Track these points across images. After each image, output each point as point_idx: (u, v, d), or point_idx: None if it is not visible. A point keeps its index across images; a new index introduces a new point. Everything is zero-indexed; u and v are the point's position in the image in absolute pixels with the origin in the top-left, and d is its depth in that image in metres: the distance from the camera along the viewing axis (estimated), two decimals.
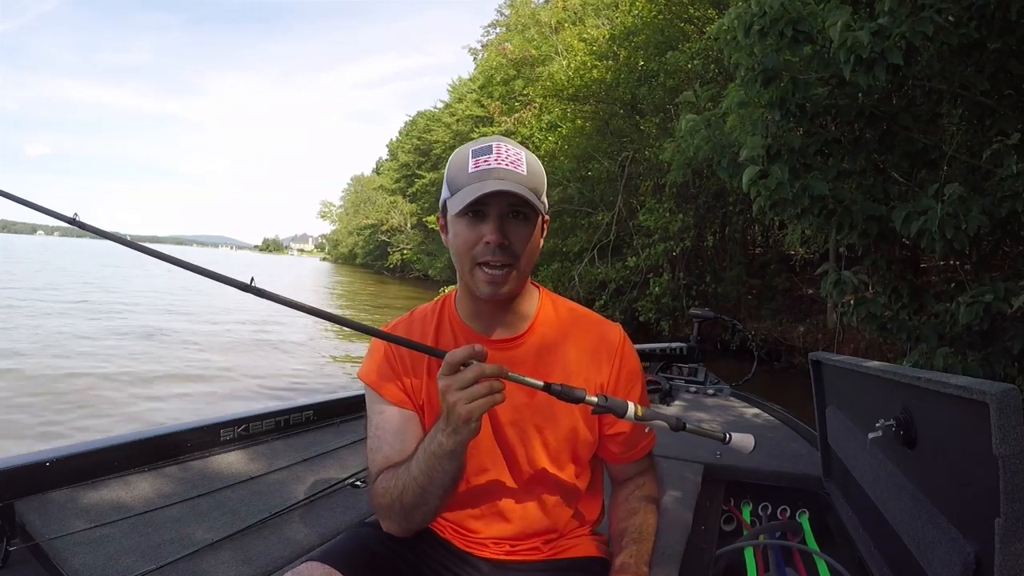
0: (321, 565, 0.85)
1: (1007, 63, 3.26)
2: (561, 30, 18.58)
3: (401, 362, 1.00)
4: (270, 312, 13.03)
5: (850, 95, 3.51)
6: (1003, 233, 3.45)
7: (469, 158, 0.91)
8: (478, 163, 0.90)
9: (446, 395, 0.79)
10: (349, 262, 62.24)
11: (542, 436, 1.01)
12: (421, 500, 0.89)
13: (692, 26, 11.65)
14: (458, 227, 0.91)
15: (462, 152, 0.94)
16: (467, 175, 0.90)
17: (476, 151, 0.92)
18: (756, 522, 2.01)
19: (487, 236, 0.88)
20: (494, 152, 0.91)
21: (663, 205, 11.25)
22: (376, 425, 1.00)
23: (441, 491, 0.89)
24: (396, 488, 0.90)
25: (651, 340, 4.73)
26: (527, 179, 0.90)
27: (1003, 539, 0.80)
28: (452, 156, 0.95)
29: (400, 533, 0.96)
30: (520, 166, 0.91)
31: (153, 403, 5.57)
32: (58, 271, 25.20)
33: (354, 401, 2.28)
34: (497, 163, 0.89)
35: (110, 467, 1.55)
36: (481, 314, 0.99)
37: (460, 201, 0.88)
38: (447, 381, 0.79)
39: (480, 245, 0.89)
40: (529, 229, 0.92)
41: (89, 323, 10.22)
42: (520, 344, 1.00)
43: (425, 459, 0.86)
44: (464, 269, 0.93)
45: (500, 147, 0.92)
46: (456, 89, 33.54)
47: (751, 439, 0.94)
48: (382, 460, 0.96)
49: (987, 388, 0.81)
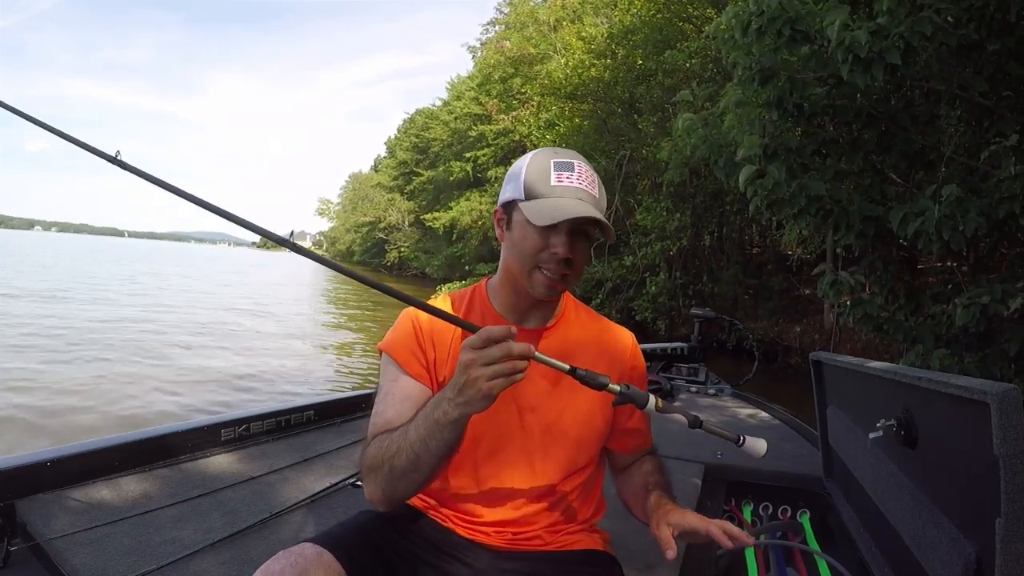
0: (314, 546, 0.85)
1: (1006, 64, 3.26)
2: (559, 28, 18.58)
3: (429, 338, 1.03)
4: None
5: (848, 95, 3.51)
6: (1001, 235, 3.46)
7: (551, 170, 0.97)
8: (560, 178, 0.96)
9: (469, 368, 0.79)
10: (347, 259, 62.04)
11: (561, 424, 1.03)
12: (412, 467, 0.88)
13: (690, 25, 11.66)
14: (528, 231, 0.96)
15: (542, 161, 0.99)
16: (549, 186, 0.95)
17: (558, 164, 0.97)
18: (757, 522, 2.01)
19: (557, 248, 0.94)
20: (576, 170, 0.97)
21: (660, 204, 11.27)
22: (387, 392, 1.01)
23: (435, 460, 0.88)
24: (389, 450, 0.90)
25: (648, 339, 4.74)
26: (599, 201, 0.98)
27: (1004, 539, 0.80)
28: (530, 161, 1.00)
29: (382, 502, 0.94)
30: (594, 188, 0.98)
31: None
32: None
33: (354, 401, 2.28)
34: (579, 183, 0.96)
35: (110, 467, 1.55)
36: (519, 308, 1.04)
37: (545, 213, 0.93)
38: (473, 355, 0.79)
39: (546, 253, 0.95)
40: (589, 246, 1.01)
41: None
42: (548, 335, 1.06)
43: (426, 426, 0.86)
44: (523, 268, 0.98)
45: (580, 166, 0.98)
46: (455, 87, 33.47)
47: (763, 444, 0.94)
48: (383, 423, 0.96)
49: (988, 388, 0.82)
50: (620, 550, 1.15)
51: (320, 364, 8.43)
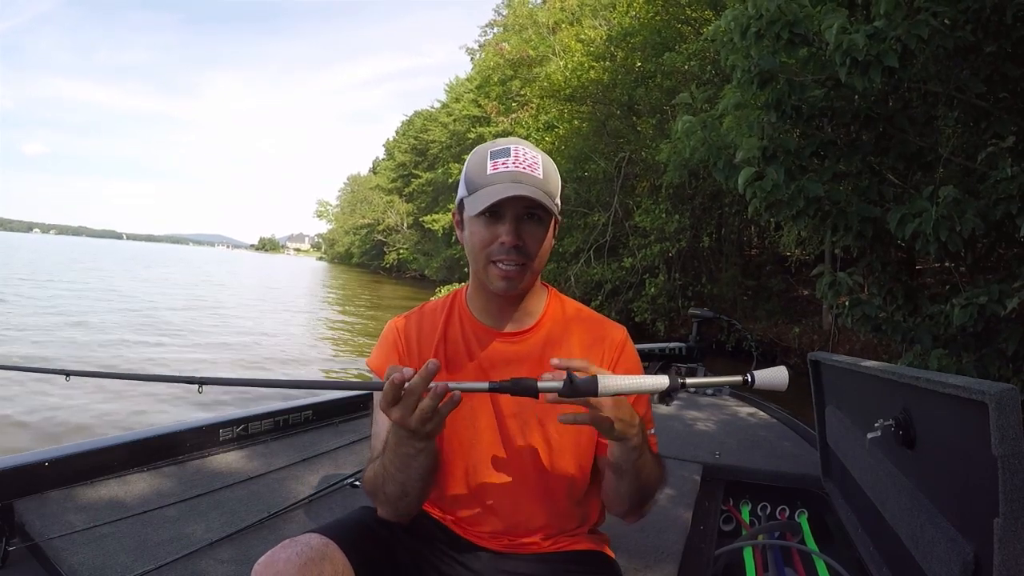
0: (320, 536, 0.85)
1: (1003, 66, 3.28)
2: (558, 30, 18.59)
3: (416, 348, 1.03)
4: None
5: (846, 97, 3.52)
6: (998, 235, 3.47)
7: (488, 159, 0.94)
8: (496, 165, 0.93)
9: (402, 424, 0.82)
10: (345, 261, 62.12)
11: (544, 430, 1.01)
12: (402, 492, 0.92)
13: (689, 27, 11.68)
14: (475, 226, 0.95)
15: (480, 152, 0.97)
16: (486, 176, 0.93)
17: (494, 152, 0.95)
18: (755, 522, 2.01)
19: (503, 237, 0.92)
20: (512, 155, 0.94)
21: (659, 206, 11.27)
22: (379, 412, 1.01)
23: (420, 482, 0.92)
24: (379, 479, 0.93)
25: (647, 340, 4.74)
26: (543, 182, 0.93)
27: (1002, 539, 0.80)
28: (471, 155, 0.99)
29: (393, 518, 0.97)
30: (536, 169, 0.94)
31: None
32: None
33: (353, 401, 2.28)
34: (515, 166, 0.93)
35: (109, 467, 1.55)
36: (491, 309, 1.02)
37: (479, 203, 0.91)
38: (396, 414, 0.81)
39: (496, 244, 0.93)
40: (543, 230, 0.96)
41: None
42: (527, 338, 1.03)
43: (399, 458, 0.89)
44: (479, 266, 0.96)
45: (518, 150, 0.95)
46: (453, 89, 33.48)
47: (783, 372, 0.79)
48: (379, 446, 0.98)
49: (986, 388, 0.82)
50: (620, 550, 1.15)
51: (318, 366, 8.42)
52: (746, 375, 0.79)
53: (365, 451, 1.99)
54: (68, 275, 20.71)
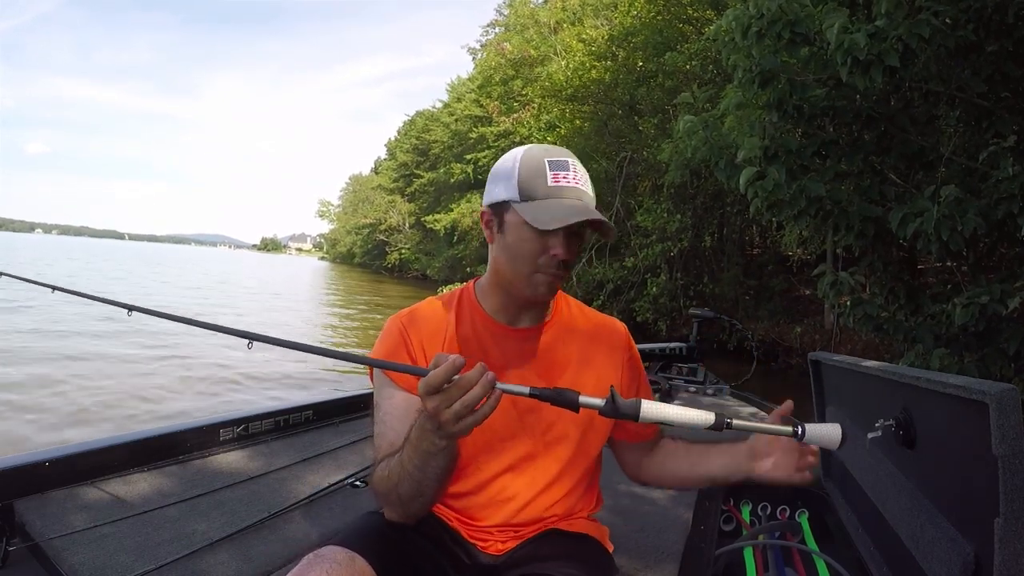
0: (344, 549, 0.85)
1: (1004, 65, 3.27)
2: (560, 30, 18.60)
3: (419, 344, 1.01)
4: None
5: (847, 97, 3.52)
6: (1000, 235, 3.46)
7: (547, 169, 0.94)
8: (557, 177, 0.93)
9: (437, 416, 0.76)
10: (347, 261, 62.16)
11: (561, 425, 1.02)
12: (417, 491, 0.89)
13: (691, 27, 11.68)
14: (525, 233, 0.94)
15: (535, 159, 0.95)
16: (546, 187, 0.93)
17: (553, 164, 0.95)
18: (755, 522, 2.01)
19: (556, 250, 0.93)
20: (571, 169, 0.95)
21: (661, 206, 11.28)
22: (384, 411, 1.00)
23: (437, 483, 0.89)
24: (392, 478, 0.90)
25: (649, 340, 4.74)
26: (593, 199, 0.96)
27: (1003, 539, 0.80)
28: (522, 160, 0.96)
29: (401, 520, 0.96)
30: (588, 186, 0.96)
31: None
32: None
33: (353, 401, 2.28)
34: (576, 182, 0.94)
35: (109, 467, 1.55)
36: (509, 308, 1.03)
37: (545, 215, 0.91)
38: (434, 403, 0.75)
39: (546, 256, 0.94)
40: (582, 243, 1.01)
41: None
42: (542, 333, 1.05)
43: (418, 455, 0.85)
44: (522, 271, 0.96)
45: (575, 165, 0.96)
46: (455, 89, 33.53)
47: (837, 430, 0.76)
48: (387, 447, 0.96)
49: (987, 388, 0.81)
50: (620, 550, 1.15)
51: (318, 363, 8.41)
52: (796, 427, 0.76)
53: (366, 451, 1.99)
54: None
